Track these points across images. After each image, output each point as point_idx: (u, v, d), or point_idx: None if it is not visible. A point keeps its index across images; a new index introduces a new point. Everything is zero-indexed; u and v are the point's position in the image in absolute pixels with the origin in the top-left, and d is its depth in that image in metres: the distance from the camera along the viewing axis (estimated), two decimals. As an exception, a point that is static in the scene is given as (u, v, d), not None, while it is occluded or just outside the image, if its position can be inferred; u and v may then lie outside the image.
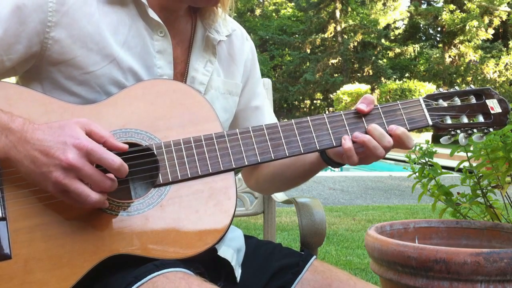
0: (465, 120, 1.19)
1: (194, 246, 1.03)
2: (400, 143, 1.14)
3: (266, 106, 1.43)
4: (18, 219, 1.00)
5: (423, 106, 1.18)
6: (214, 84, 1.26)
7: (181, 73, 1.23)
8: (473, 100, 1.20)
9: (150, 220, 1.03)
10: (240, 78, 1.34)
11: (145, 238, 1.02)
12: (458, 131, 1.19)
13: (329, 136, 1.14)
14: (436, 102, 1.18)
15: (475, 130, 1.19)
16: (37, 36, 1.08)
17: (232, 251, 1.21)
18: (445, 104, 1.19)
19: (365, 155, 1.14)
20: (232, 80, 1.32)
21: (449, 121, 1.18)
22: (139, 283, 0.96)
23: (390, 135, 1.13)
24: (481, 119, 1.19)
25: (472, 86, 1.22)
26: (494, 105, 1.19)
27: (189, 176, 1.07)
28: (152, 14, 1.16)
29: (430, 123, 1.17)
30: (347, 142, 1.12)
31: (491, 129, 1.19)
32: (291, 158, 1.27)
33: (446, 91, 1.21)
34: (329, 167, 1.27)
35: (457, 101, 1.19)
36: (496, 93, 1.20)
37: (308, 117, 1.15)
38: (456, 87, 1.22)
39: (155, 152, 1.07)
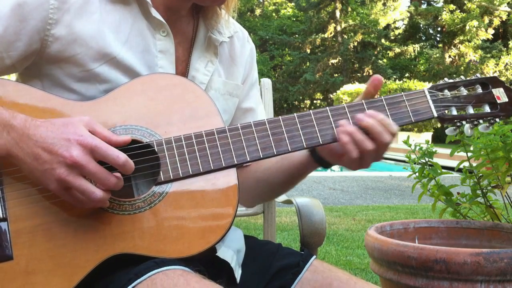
0: (471, 110, 1.15)
1: (197, 245, 1.02)
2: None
3: (259, 110, 1.40)
4: (19, 219, 0.99)
5: (428, 97, 1.14)
6: (214, 84, 1.26)
7: (182, 74, 1.22)
8: (479, 90, 1.16)
9: (152, 219, 1.02)
10: (241, 79, 1.34)
11: (147, 237, 1.01)
12: (464, 122, 1.15)
13: (332, 131, 1.10)
14: (441, 93, 1.15)
15: (481, 121, 1.16)
16: (37, 34, 1.07)
17: (232, 252, 1.20)
18: (450, 94, 1.15)
19: (366, 149, 1.06)
20: (233, 81, 1.31)
21: (454, 112, 1.15)
22: (138, 280, 0.96)
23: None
24: (487, 109, 1.15)
25: (478, 75, 1.19)
26: (500, 95, 1.16)
27: (191, 173, 1.06)
28: (155, 13, 1.15)
29: (435, 115, 1.13)
30: (343, 136, 1.07)
31: (497, 120, 1.16)
32: (277, 161, 1.25)
33: (452, 80, 1.17)
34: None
35: (463, 91, 1.16)
36: (502, 82, 1.16)
37: (310, 111, 1.11)
38: (462, 76, 1.18)
39: (156, 149, 1.06)
